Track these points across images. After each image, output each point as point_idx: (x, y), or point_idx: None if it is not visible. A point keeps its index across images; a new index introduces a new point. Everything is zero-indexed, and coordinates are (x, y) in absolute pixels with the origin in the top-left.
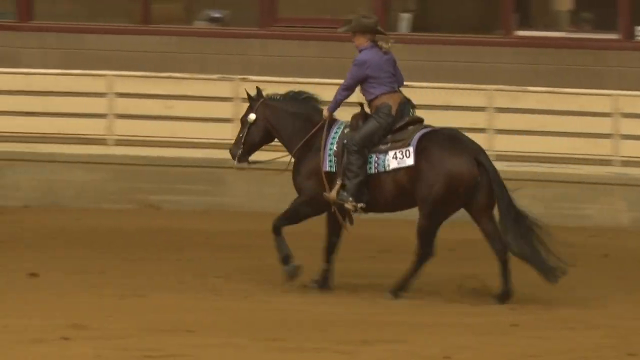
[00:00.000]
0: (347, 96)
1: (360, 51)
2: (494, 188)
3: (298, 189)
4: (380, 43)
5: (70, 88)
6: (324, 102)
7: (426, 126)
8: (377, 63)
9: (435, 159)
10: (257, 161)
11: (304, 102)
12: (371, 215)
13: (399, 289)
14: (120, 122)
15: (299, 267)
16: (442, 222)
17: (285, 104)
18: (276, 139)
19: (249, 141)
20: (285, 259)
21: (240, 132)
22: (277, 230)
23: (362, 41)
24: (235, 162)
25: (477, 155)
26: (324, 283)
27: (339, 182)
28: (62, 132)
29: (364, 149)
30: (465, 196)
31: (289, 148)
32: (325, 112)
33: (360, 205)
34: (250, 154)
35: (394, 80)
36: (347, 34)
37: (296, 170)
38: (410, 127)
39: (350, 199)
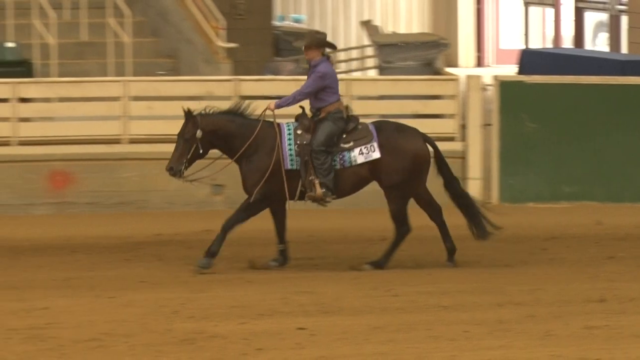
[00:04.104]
0: (303, 100)
1: (313, 64)
2: (439, 164)
3: (251, 189)
4: (330, 56)
5: None
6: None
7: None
8: (332, 75)
9: (398, 147)
10: (193, 178)
11: (240, 114)
12: None
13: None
14: None
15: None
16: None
17: (226, 116)
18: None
19: (195, 156)
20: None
21: (179, 148)
22: (227, 229)
23: (315, 54)
24: (181, 178)
25: (425, 137)
26: (284, 261)
27: (316, 181)
28: None
29: (329, 148)
30: (427, 172)
31: (233, 154)
32: (272, 105)
33: (334, 197)
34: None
35: (338, 90)
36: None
37: (248, 171)
38: (360, 126)
39: (330, 193)
